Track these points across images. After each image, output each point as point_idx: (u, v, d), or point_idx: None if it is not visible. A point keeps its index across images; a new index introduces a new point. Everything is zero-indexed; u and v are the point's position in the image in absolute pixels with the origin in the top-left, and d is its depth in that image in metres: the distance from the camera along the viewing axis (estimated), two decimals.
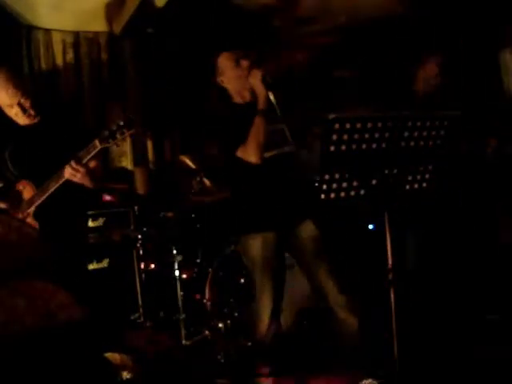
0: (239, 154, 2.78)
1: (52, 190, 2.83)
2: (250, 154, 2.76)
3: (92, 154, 2.79)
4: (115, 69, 4.97)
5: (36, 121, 2.97)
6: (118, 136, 2.73)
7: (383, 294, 2.48)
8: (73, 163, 2.78)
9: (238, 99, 2.97)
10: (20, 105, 2.89)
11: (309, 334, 3.69)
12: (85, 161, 2.80)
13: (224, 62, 2.95)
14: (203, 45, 5.20)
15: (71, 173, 2.79)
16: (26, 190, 2.91)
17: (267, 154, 2.82)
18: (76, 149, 2.82)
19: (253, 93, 2.87)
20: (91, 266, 3.85)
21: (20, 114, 2.91)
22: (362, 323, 2.82)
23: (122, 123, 2.72)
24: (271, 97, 2.79)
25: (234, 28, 4.93)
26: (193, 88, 5.18)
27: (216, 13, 4.81)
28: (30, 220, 2.87)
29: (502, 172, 4.14)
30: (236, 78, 2.91)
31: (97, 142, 2.76)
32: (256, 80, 2.80)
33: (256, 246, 2.85)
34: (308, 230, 2.91)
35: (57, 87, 4.66)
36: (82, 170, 2.79)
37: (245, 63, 2.89)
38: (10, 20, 4.45)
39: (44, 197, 2.85)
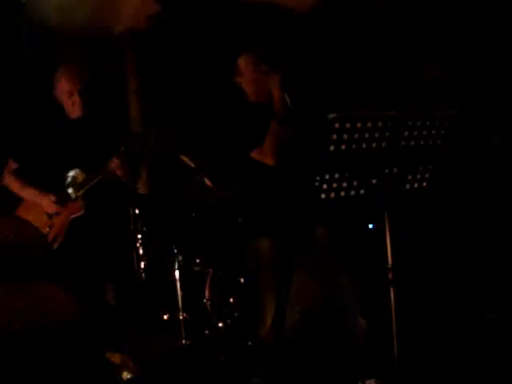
0: (256, 155, 2.81)
1: (98, 179, 3.05)
2: (267, 156, 2.79)
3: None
4: (116, 68, 4.98)
5: (84, 114, 3.14)
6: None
7: (383, 293, 2.49)
8: (119, 156, 3.03)
9: (254, 100, 2.97)
10: (80, 92, 3.07)
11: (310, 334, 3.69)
12: (130, 153, 3.09)
13: (244, 63, 2.95)
14: (206, 45, 5.21)
15: (116, 164, 3.03)
16: (78, 175, 3.11)
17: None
18: (116, 141, 3.07)
19: (270, 95, 2.86)
20: None
21: (77, 102, 3.08)
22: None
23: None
24: (288, 101, 2.78)
25: (237, 26, 4.93)
26: (195, 88, 5.19)
27: (217, 12, 4.81)
28: (79, 202, 3.07)
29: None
30: (255, 81, 2.92)
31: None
32: (274, 85, 2.81)
33: (265, 247, 2.85)
34: (320, 231, 2.91)
35: None
36: (126, 163, 3.06)
37: (264, 67, 2.90)
38: (11, 20, 4.46)
39: (92, 183, 3.06)
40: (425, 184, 2.48)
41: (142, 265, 4.16)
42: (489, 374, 2.97)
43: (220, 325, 3.66)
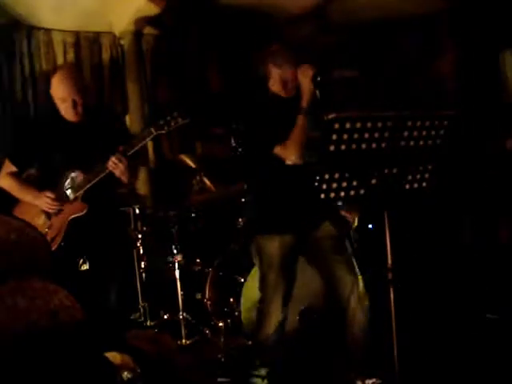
0: (278, 151, 2.73)
1: (97, 179, 3.02)
2: (291, 152, 2.71)
3: (147, 140, 3.04)
4: (116, 69, 4.98)
5: (81, 119, 3.10)
6: (172, 124, 2.99)
7: (383, 293, 2.49)
8: (117, 155, 2.95)
9: (281, 92, 2.88)
10: (73, 101, 3.03)
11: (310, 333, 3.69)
12: (132, 151, 3.00)
13: (276, 56, 2.85)
14: (204, 44, 5.22)
15: (113, 163, 2.95)
16: (77, 176, 3.08)
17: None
18: (116, 143, 3.02)
19: (298, 88, 2.79)
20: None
21: (69, 109, 3.04)
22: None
23: (175, 114, 3.00)
24: (318, 95, 2.70)
25: (236, 27, 4.95)
26: (195, 86, 5.20)
27: (216, 13, 4.82)
28: (78, 203, 3.06)
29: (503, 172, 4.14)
30: (283, 73, 2.82)
31: (152, 129, 3.00)
32: (306, 78, 2.72)
33: (274, 247, 2.82)
34: (325, 229, 2.89)
35: None
36: (124, 163, 2.95)
37: (292, 61, 2.79)
38: (10, 20, 4.47)
39: (91, 183, 3.03)
40: (424, 184, 2.48)
41: (142, 265, 4.16)
42: (489, 374, 2.97)
43: (220, 324, 3.66)
